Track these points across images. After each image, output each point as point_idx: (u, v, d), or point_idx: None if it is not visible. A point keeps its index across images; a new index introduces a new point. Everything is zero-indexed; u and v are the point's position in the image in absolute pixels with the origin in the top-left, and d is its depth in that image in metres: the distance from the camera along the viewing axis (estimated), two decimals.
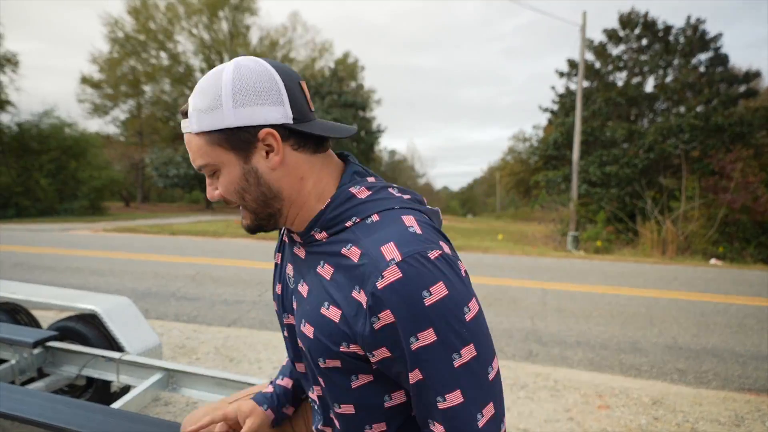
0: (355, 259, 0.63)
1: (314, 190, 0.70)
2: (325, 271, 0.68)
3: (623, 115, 15.70)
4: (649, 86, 15.94)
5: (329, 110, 16.67)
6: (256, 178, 0.68)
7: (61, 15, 62.78)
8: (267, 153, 0.67)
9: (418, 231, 0.63)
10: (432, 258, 0.60)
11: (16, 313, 2.51)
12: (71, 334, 2.22)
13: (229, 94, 0.63)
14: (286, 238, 0.84)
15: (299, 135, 0.68)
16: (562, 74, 17.22)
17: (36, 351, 2.05)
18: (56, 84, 57.56)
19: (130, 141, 33.16)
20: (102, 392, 2.22)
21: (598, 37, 18.06)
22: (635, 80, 15.98)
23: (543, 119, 29.10)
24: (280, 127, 0.66)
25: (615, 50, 16.30)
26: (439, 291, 0.58)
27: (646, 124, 15.68)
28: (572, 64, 16.65)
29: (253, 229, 0.74)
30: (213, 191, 0.72)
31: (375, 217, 0.66)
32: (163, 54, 31.22)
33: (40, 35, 61.47)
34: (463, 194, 78.79)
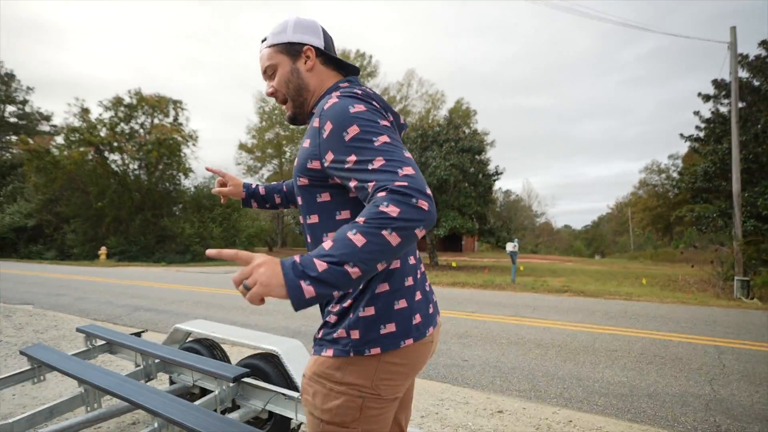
0: (316, 109, 1.04)
1: (326, 85, 1.14)
2: (308, 131, 1.03)
3: None
4: None
5: (447, 156, 16.93)
6: (297, 73, 1.12)
7: (227, 98, 77.00)
8: (305, 60, 1.12)
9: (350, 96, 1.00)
10: (355, 95, 0.99)
11: (213, 348, 2.91)
12: (256, 370, 2.48)
13: (291, 25, 1.12)
14: None
15: (324, 56, 1.14)
16: (707, 97, 15.01)
17: (232, 384, 2.34)
18: (222, 152, 70.03)
19: None
20: (280, 426, 2.41)
21: (752, 51, 15.48)
22: None
23: (679, 148, 25.35)
24: (316, 48, 1.12)
25: None
26: (360, 107, 0.94)
27: None
28: (720, 84, 14.45)
29: (292, 119, 1.18)
30: (269, 88, 1.15)
31: (333, 95, 1.02)
32: None
33: (212, 115, 75.54)
34: (588, 233, 71.54)
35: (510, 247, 11.52)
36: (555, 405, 3.27)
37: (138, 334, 3.22)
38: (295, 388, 2.33)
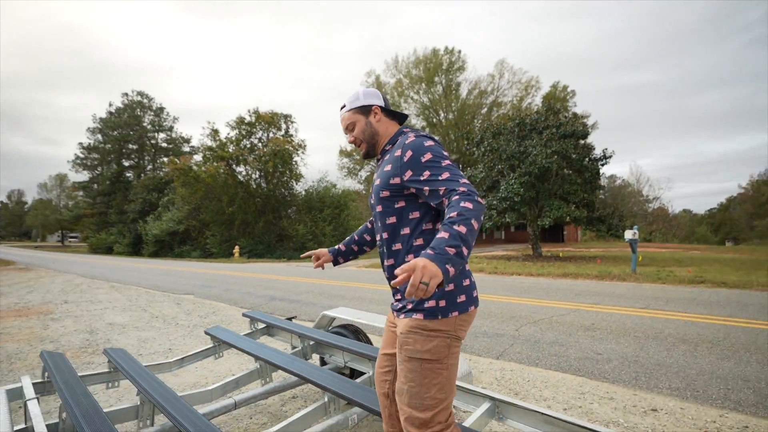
0: (389, 146, 1.52)
1: (390, 131, 1.55)
2: (387, 158, 1.46)
3: None
4: None
5: (548, 144, 15.78)
6: (370, 125, 1.53)
7: (327, 109, 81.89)
8: (374, 115, 1.53)
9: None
10: (427, 136, 1.41)
11: (357, 333, 3.07)
12: None
13: (362, 94, 1.54)
14: (376, 167, 1.58)
15: (386, 111, 1.55)
16: None
17: None
18: (325, 158, 74.53)
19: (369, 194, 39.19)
20: None
21: None
22: None
23: None
24: (379, 107, 1.54)
25: None
26: (431, 143, 1.37)
27: None
28: None
29: (366, 155, 1.57)
30: (350, 138, 1.57)
31: (410, 135, 1.44)
32: None
33: (315, 125, 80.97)
34: (714, 217, 61.18)
35: (629, 234, 10.33)
36: (721, 408, 2.83)
37: (290, 319, 3.55)
38: None
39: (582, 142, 16.84)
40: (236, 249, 23.85)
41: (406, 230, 1.39)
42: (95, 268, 17.20)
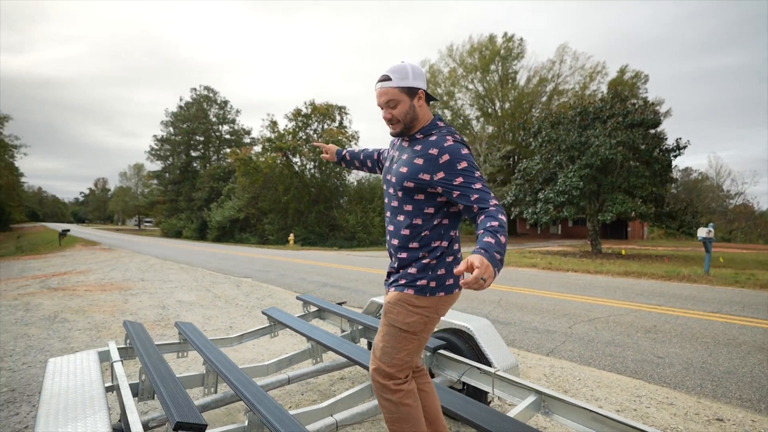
0: (434, 138, 1.52)
1: (426, 117, 1.57)
2: (418, 149, 1.52)
3: None
4: None
5: (612, 134, 14.76)
6: (413, 108, 1.53)
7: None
8: (419, 99, 1.53)
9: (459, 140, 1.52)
10: (464, 142, 1.52)
11: None
12: (449, 345, 2.58)
13: (411, 73, 1.51)
14: (396, 142, 1.69)
15: (428, 96, 1.57)
16: None
17: (430, 354, 2.48)
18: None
19: None
20: (474, 398, 2.46)
21: None
22: None
23: None
24: (424, 91, 1.54)
25: None
26: (467, 151, 1.48)
27: None
28: None
29: (398, 134, 1.58)
30: (387, 114, 1.54)
31: (448, 137, 1.50)
32: (446, 111, 35.64)
33: (370, 117, 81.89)
34: None
35: (703, 232, 9.46)
36: None
37: (340, 304, 3.70)
38: (488, 363, 2.34)
39: (652, 131, 15.59)
40: (291, 236, 24.88)
41: (419, 221, 1.52)
42: (166, 250, 18.78)
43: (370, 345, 3.13)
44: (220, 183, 37.66)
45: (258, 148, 30.31)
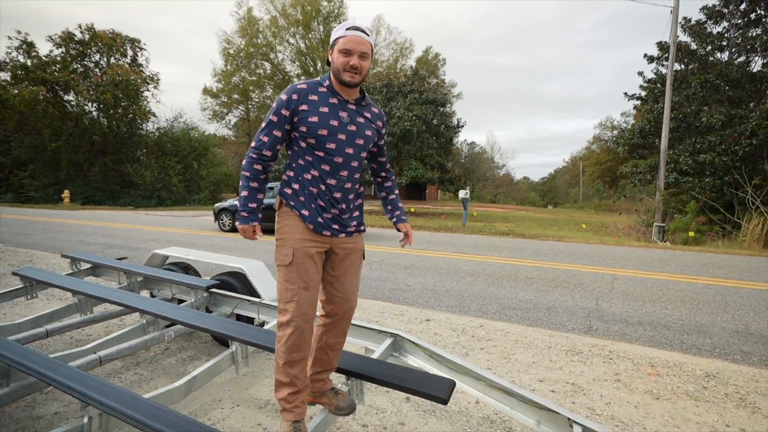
0: (377, 110, 1.74)
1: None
2: (369, 116, 1.69)
3: (722, 99, 13.92)
4: (757, 66, 13.91)
5: (410, 108, 17.07)
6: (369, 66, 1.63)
7: (200, 45, 71.69)
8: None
9: None
10: None
11: (187, 269, 3.36)
12: (225, 284, 2.96)
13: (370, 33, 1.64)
14: (334, 100, 1.60)
15: None
16: (651, 59, 15.68)
17: (206, 294, 2.81)
18: (191, 98, 65.96)
19: (241, 141, 36.76)
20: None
21: (695, 16, 16.06)
22: (739, 60, 14.04)
23: (632, 107, 26.27)
24: None
25: (716, 29, 14.44)
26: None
27: (751, 108, 13.73)
28: (663, 47, 15.08)
29: (355, 84, 1.57)
30: (357, 63, 1.54)
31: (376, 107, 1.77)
32: (266, 64, 34.02)
33: (183, 61, 70.40)
34: (544, 185, 74.39)
35: (462, 194, 12.24)
36: (473, 316, 3.99)
37: (120, 260, 3.61)
38: (257, 296, 2.83)
39: (442, 109, 18.67)
40: (66, 194, 20.36)
41: (360, 178, 1.73)
42: None
43: (151, 296, 3.24)
44: None
45: (5, 76, 23.00)
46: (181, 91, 68.70)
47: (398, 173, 18.06)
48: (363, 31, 1.55)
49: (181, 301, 3.17)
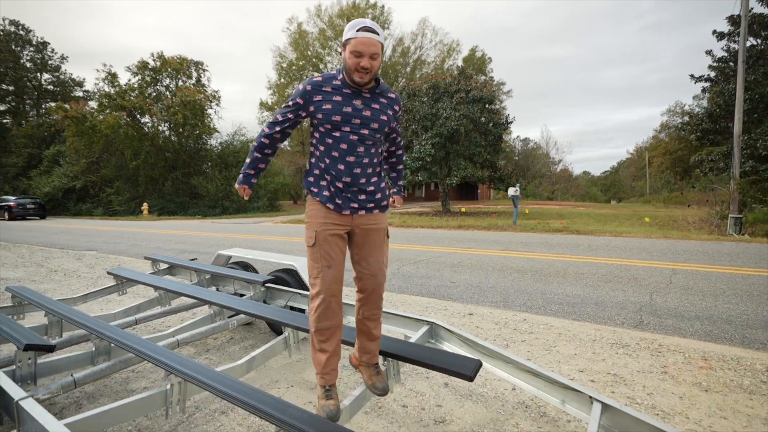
0: (393, 95, 1.84)
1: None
2: (385, 102, 1.79)
3: None
4: None
5: (457, 107, 16.99)
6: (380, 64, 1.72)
7: (258, 62, 76.73)
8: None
9: None
10: None
11: (247, 267, 3.73)
12: (280, 280, 3.28)
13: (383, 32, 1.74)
14: (348, 91, 1.72)
15: None
16: (721, 35, 14.38)
17: (263, 289, 3.14)
18: (250, 113, 70.59)
19: (296, 150, 38.48)
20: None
21: None
22: None
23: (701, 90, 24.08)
24: None
25: None
26: None
27: None
28: (734, 21, 13.78)
29: (365, 83, 1.68)
30: (368, 64, 1.63)
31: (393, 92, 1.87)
32: (316, 75, 35.36)
33: (243, 79, 75.57)
34: (606, 179, 69.92)
35: (511, 191, 12.00)
36: (517, 311, 4.01)
37: (191, 260, 4.08)
38: (308, 290, 3.11)
39: (489, 106, 18.38)
40: (145, 206, 22.58)
41: (377, 159, 1.83)
42: None
43: (217, 290, 3.65)
44: (42, 146, 31.31)
45: (94, 104, 25.97)
46: (242, 107, 73.51)
47: (447, 174, 18.02)
48: (373, 31, 1.62)
49: (242, 295, 3.54)
